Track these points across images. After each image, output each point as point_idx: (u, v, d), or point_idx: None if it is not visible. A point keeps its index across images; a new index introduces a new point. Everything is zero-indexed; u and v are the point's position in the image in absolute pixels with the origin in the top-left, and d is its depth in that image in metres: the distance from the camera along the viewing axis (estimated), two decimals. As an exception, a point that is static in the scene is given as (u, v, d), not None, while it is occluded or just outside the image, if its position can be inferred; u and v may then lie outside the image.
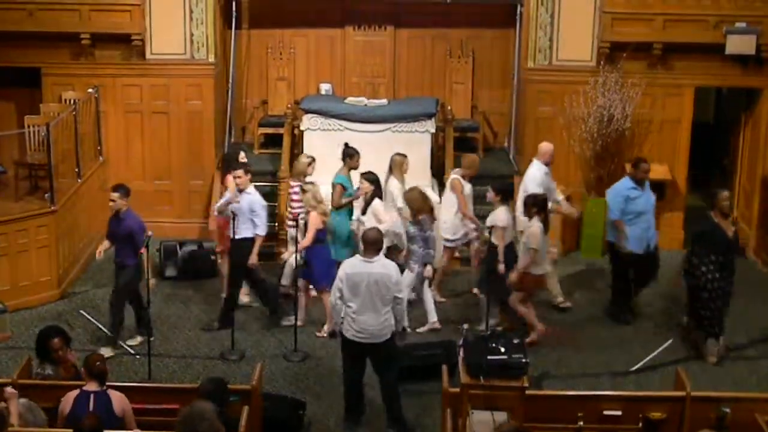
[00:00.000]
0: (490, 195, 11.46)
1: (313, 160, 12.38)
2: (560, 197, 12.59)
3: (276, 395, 9.95)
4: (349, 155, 12.34)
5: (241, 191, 11.49)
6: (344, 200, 12.06)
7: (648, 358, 11.09)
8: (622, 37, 13.93)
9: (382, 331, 9.33)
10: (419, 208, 11.40)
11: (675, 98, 14.27)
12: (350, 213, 12.18)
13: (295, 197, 12.19)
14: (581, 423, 8.50)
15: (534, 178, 12.14)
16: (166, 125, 14.56)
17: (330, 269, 11.09)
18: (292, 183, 12.42)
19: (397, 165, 12.27)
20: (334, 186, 12.10)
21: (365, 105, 14.00)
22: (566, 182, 13.93)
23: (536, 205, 11.11)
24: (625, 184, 11.97)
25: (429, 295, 11.82)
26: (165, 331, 11.72)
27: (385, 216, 11.72)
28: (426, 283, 11.69)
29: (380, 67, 15.45)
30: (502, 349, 8.66)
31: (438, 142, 14.28)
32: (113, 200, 11.09)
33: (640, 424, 8.58)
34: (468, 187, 12.30)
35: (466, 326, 9.18)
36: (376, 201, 11.81)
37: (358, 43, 15.45)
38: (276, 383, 10.52)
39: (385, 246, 10.18)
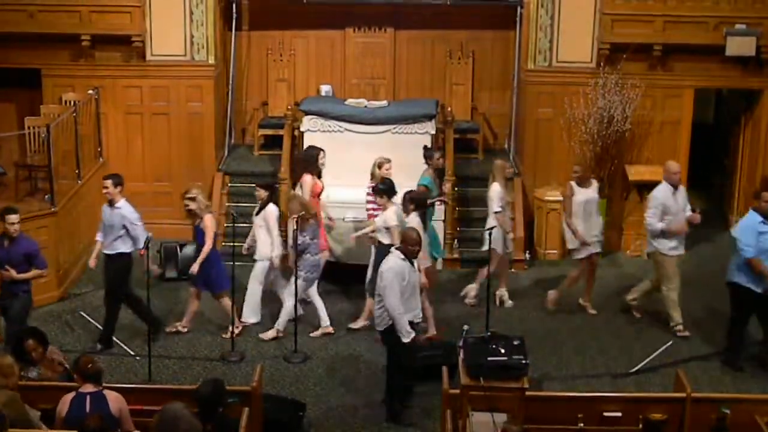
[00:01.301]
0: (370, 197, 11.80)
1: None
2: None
3: (276, 396, 9.95)
4: (429, 156, 12.54)
5: (111, 205, 11.22)
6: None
7: (647, 360, 11.10)
8: (622, 39, 13.94)
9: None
10: (304, 215, 11.35)
11: (675, 99, 14.28)
12: (431, 213, 12.27)
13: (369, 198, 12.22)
14: (581, 424, 8.51)
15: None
16: (166, 127, 14.57)
17: (223, 272, 11.43)
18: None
19: (499, 169, 12.34)
20: (418, 187, 12.19)
21: (365, 106, 13.99)
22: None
23: (413, 201, 11.21)
24: (752, 218, 10.82)
25: (319, 300, 11.78)
26: (165, 332, 11.72)
27: (275, 225, 11.64)
28: (315, 287, 11.70)
29: (380, 68, 15.46)
30: (502, 351, 8.64)
31: (438, 143, 14.29)
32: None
33: (640, 426, 8.56)
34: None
35: (466, 327, 9.14)
36: (270, 207, 11.71)
37: (358, 44, 15.46)
38: (276, 385, 10.52)
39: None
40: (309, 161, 12.42)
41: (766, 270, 10.61)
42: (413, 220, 11.07)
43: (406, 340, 9.61)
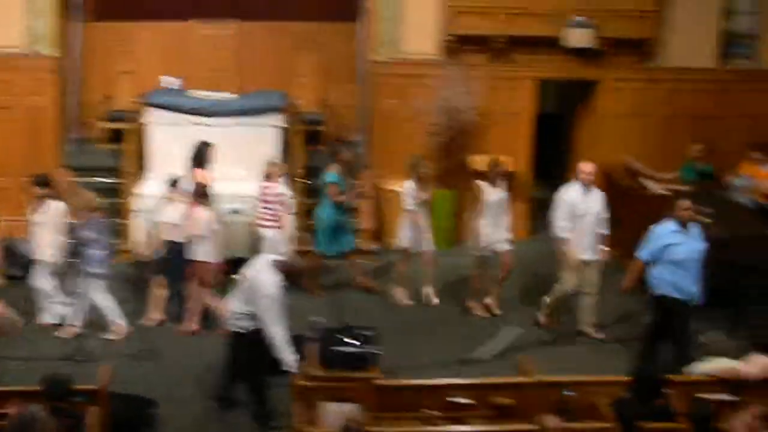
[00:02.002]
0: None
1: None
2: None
3: (125, 394, 9.78)
4: (336, 151, 12.66)
5: None
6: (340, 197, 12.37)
7: (495, 346, 11.31)
8: (466, 30, 14.16)
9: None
10: (84, 208, 11.22)
11: (518, 91, 14.57)
12: (341, 208, 12.44)
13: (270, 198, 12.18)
14: (431, 411, 8.63)
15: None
16: (7, 121, 14.13)
17: None
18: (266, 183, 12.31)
19: (413, 166, 12.37)
20: (326, 185, 12.34)
21: (211, 99, 13.86)
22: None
23: (197, 193, 11.40)
24: (666, 226, 10.52)
25: (106, 299, 11.51)
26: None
27: (60, 223, 11.41)
28: (102, 285, 11.40)
29: (227, 60, 15.34)
30: (354, 341, 8.74)
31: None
32: None
33: (489, 411, 8.75)
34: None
35: (316, 319, 9.18)
36: (54, 204, 11.47)
37: (203, 36, 15.31)
38: (127, 383, 10.34)
39: None
40: (199, 156, 12.27)
41: (635, 276, 10.56)
42: (200, 212, 11.24)
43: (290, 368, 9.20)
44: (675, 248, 10.37)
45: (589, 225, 11.47)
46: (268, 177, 12.33)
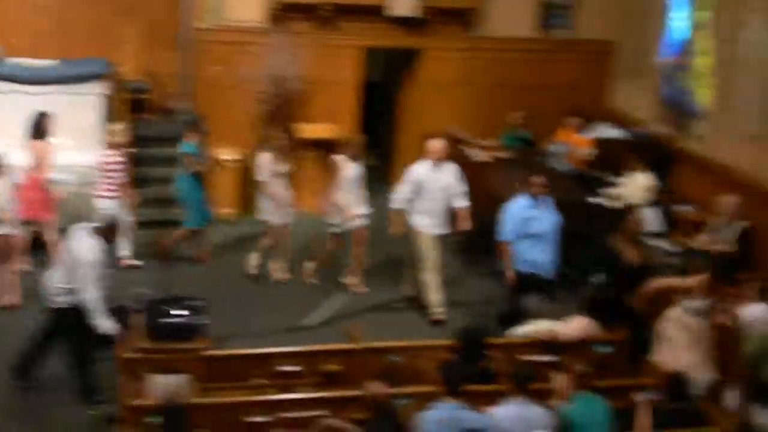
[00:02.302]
0: None
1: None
2: None
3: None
4: (193, 123, 12.43)
5: None
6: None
7: (322, 314, 11.41)
8: (292, -1, 14.10)
9: None
10: None
11: (343, 59, 14.59)
12: (200, 179, 12.23)
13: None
14: (260, 380, 8.64)
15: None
16: None
17: None
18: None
19: (270, 138, 12.26)
20: (183, 155, 12.03)
21: (32, 67, 13.40)
22: (240, 143, 14.02)
23: None
24: (519, 202, 10.75)
25: None
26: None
27: None
28: None
29: (47, 27, 14.80)
30: (181, 312, 8.66)
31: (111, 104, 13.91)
32: None
33: (317, 378, 8.81)
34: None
35: (141, 290, 9.05)
36: None
37: (23, 1, 14.73)
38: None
39: None
40: (36, 127, 11.81)
41: (507, 257, 10.59)
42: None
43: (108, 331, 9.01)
44: (531, 222, 10.55)
45: (440, 201, 11.33)
46: (110, 146, 12.01)
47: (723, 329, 9.15)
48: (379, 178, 14.75)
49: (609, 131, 14.53)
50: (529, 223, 10.60)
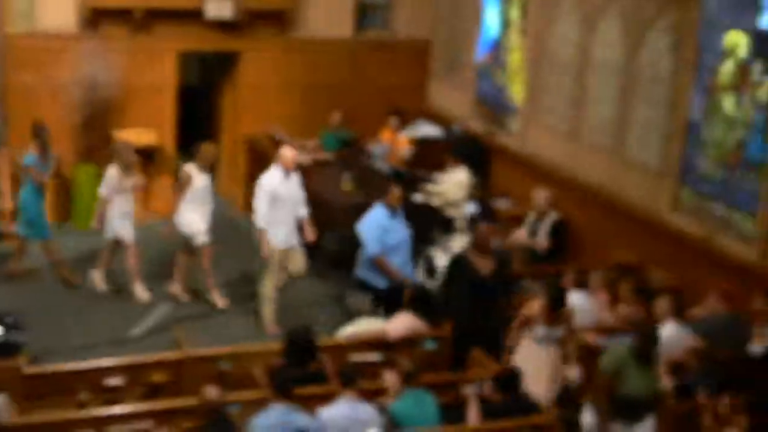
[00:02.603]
0: None
1: None
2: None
3: None
4: (37, 134, 11.93)
5: None
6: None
7: (146, 323, 11.22)
8: (104, 3, 13.77)
9: None
10: None
11: (158, 63, 14.35)
12: (41, 192, 11.86)
13: None
14: (83, 396, 8.42)
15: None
16: None
17: None
18: None
19: (118, 152, 11.74)
20: (26, 167, 11.74)
21: None
22: (56, 151, 13.63)
23: None
24: (378, 212, 10.84)
25: None
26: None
27: None
28: None
29: None
30: (-4, 329, 8.39)
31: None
32: None
33: (143, 390, 8.65)
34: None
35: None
36: None
37: None
38: None
39: None
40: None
41: (390, 267, 10.64)
42: None
43: None
44: (389, 234, 10.69)
45: (291, 211, 11.08)
46: None
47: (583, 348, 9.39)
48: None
49: (428, 129, 14.76)
50: (387, 235, 10.70)
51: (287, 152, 11.11)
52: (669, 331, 9.14)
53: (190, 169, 11.56)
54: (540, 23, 13.24)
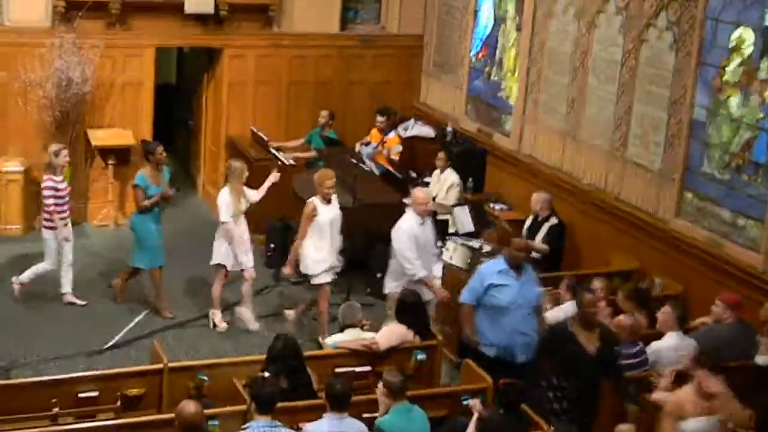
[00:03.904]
0: None
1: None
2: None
3: None
4: (150, 151, 11.58)
5: None
6: (147, 202, 11.44)
7: (121, 333, 11.18)
8: (76, -3, 13.75)
9: None
10: None
11: (135, 59, 14.30)
12: (155, 218, 11.60)
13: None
14: (57, 409, 8.39)
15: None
16: None
17: None
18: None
19: (235, 171, 11.33)
20: (133, 187, 11.64)
21: None
22: (27, 153, 13.61)
23: None
24: (495, 264, 9.62)
25: None
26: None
27: None
28: None
29: None
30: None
31: None
32: None
33: (119, 403, 8.63)
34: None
35: None
36: None
37: None
38: None
39: None
40: None
41: (470, 324, 9.59)
42: None
43: None
44: (501, 290, 9.42)
45: (426, 262, 10.56)
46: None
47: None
48: (179, 183, 14.57)
49: (418, 129, 14.77)
50: (495, 292, 9.52)
51: (419, 194, 10.65)
52: (671, 341, 9.16)
53: (315, 200, 10.92)
54: (536, 18, 13.25)
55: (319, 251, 10.85)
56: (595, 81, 12.20)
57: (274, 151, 14.02)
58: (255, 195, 11.48)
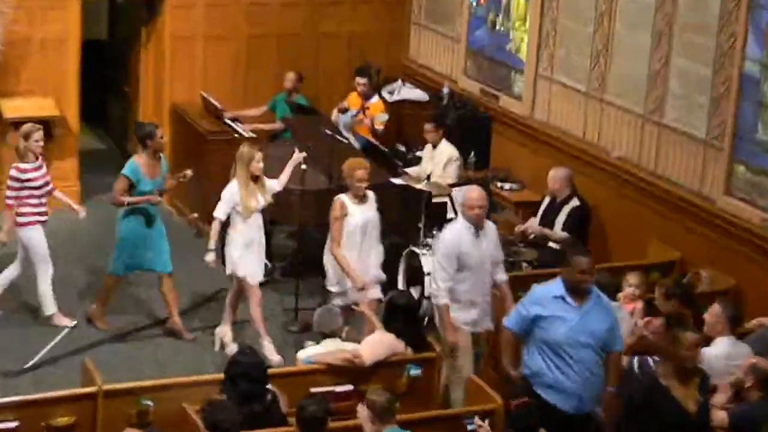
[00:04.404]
0: None
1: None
2: None
3: None
4: (147, 135, 11.39)
5: None
6: (126, 199, 11.30)
7: (45, 351, 11.15)
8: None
9: None
10: None
11: (57, 12, 14.23)
12: (148, 218, 11.46)
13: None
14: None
15: None
16: None
17: None
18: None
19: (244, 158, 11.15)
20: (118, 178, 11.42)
21: None
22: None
23: None
24: (553, 288, 8.96)
25: None
26: None
27: None
28: None
29: None
30: None
31: None
32: None
33: (44, 434, 8.67)
34: None
35: None
36: None
37: None
38: None
39: None
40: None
41: (511, 352, 9.27)
42: None
43: None
44: (552, 323, 8.87)
45: (483, 282, 10.20)
46: None
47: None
48: (109, 161, 14.63)
49: (407, 92, 14.88)
50: (547, 323, 8.96)
51: (474, 194, 10.19)
52: (722, 347, 9.18)
53: (344, 200, 10.86)
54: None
55: None
56: (624, 30, 12.24)
57: (229, 121, 14.03)
58: (275, 185, 11.35)
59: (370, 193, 10.91)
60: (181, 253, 12.09)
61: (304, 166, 11.65)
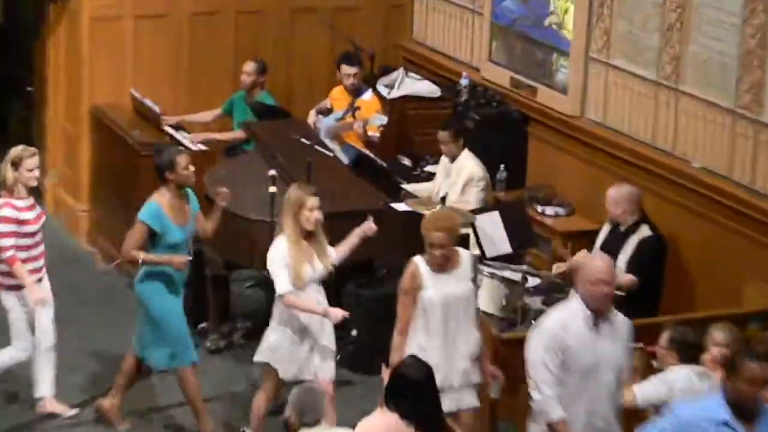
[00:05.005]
0: None
1: None
2: None
3: None
4: (167, 164, 11.01)
5: None
6: (142, 256, 11.05)
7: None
8: None
9: None
10: None
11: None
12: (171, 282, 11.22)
13: None
14: None
15: None
16: None
17: None
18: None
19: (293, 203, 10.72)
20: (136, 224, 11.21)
21: None
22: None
23: None
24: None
25: None
26: None
27: None
28: None
29: None
30: None
31: None
32: None
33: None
34: None
35: None
36: None
37: None
38: None
39: None
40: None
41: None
42: None
43: None
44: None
45: (601, 384, 9.69)
46: None
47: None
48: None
49: (412, 84, 14.73)
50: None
51: (596, 263, 9.75)
52: None
53: (418, 263, 10.44)
54: None
55: (422, 354, 10.18)
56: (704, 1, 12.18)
57: (170, 129, 14.02)
58: (334, 254, 10.95)
59: (465, 254, 10.45)
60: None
61: (273, 189, 11.53)
